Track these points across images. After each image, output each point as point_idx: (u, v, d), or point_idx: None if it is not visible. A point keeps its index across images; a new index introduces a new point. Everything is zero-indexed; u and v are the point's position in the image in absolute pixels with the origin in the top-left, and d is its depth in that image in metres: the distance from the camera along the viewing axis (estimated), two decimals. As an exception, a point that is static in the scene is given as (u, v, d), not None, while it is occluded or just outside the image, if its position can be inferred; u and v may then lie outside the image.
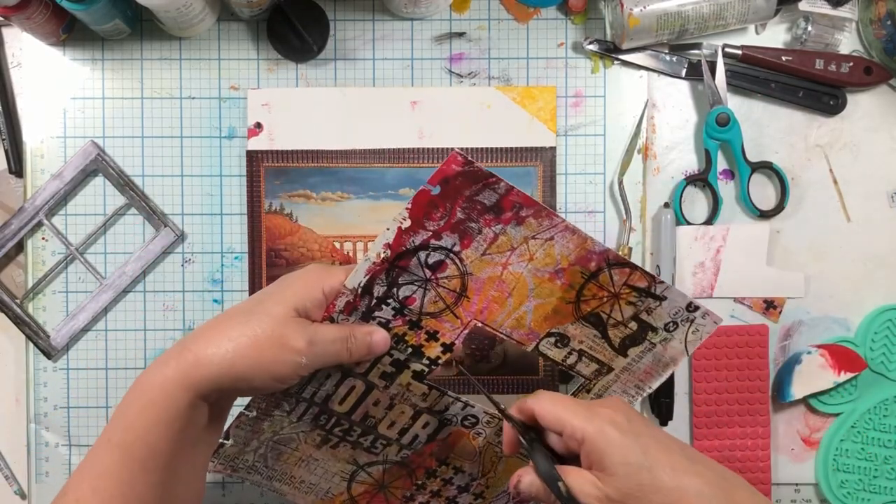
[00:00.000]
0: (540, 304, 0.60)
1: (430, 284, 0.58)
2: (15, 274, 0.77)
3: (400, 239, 0.56)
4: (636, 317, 0.61)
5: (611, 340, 0.63)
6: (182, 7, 0.70)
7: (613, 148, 0.78)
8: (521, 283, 0.59)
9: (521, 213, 0.56)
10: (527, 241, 0.57)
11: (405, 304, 0.58)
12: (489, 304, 0.59)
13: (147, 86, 0.77)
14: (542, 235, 0.57)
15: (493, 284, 0.58)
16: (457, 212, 0.55)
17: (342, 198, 0.77)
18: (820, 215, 0.79)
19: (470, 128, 0.76)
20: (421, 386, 0.62)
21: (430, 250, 0.56)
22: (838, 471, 0.77)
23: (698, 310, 0.62)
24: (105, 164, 0.76)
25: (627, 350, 0.63)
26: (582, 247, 0.58)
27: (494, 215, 0.56)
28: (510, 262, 0.58)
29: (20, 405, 0.77)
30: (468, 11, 0.78)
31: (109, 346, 0.77)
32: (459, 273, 0.58)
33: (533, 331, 0.61)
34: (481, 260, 0.57)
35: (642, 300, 0.61)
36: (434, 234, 0.56)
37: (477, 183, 0.54)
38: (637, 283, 0.60)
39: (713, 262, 0.77)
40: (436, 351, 0.61)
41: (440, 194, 0.55)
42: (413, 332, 0.59)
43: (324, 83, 0.77)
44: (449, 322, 0.59)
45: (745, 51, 0.76)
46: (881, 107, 0.79)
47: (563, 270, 0.59)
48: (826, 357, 0.76)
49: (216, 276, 0.77)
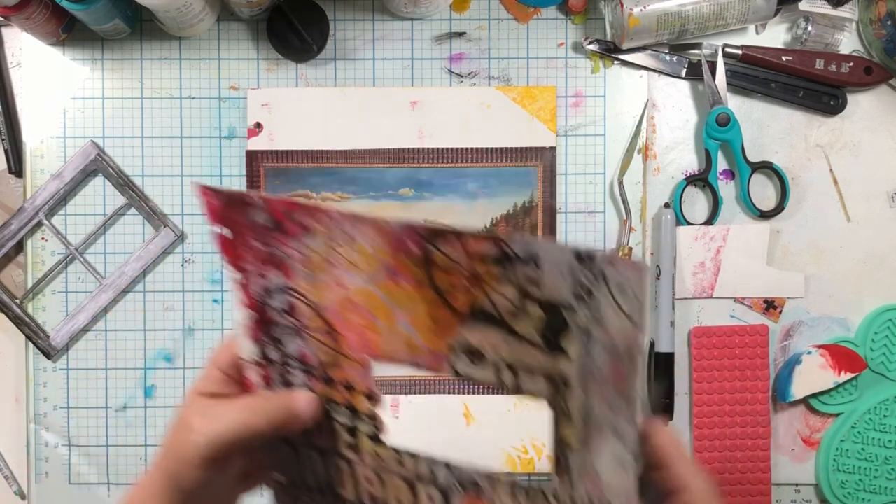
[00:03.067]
0: (413, 318, 0.48)
1: (302, 332, 0.50)
2: (15, 274, 0.77)
3: (247, 293, 0.51)
4: (528, 295, 0.45)
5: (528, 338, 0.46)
6: (182, 7, 0.70)
7: (613, 148, 0.78)
8: (373, 298, 0.48)
9: (296, 219, 0.48)
10: (332, 250, 0.48)
11: (304, 362, 0.51)
12: (363, 332, 0.49)
13: (147, 86, 0.77)
14: (338, 237, 0.47)
15: (349, 310, 0.49)
16: (254, 244, 0.49)
17: (342, 198, 0.77)
18: (820, 215, 0.79)
19: (470, 128, 0.76)
20: (387, 451, 0.52)
21: (273, 293, 0.50)
22: (838, 471, 0.77)
23: (594, 258, 0.42)
24: (105, 164, 0.76)
25: (560, 343, 0.46)
26: (382, 232, 0.46)
27: (281, 233, 0.48)
28: (342, 278, 0.48)
29: (20, 405, 0.77)
30: (468, 11, 0.78)
31: (109, 346, 0.77)
32: (312, 309, 0.49)
33: (431, 350, 0.48)
34: (316, 287, 0.49)
35: (511, 271, 0.44)
36: (260, 274, 0.50)
37: (243, 205, 0.48)
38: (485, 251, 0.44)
39: (713, 262, 0.77)
40: (364, 404, 0.51)
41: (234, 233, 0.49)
42: (333, 389, 0.51)
43: (324, 83, 0.77)
44: (350, 368, 0.50)
45: (745, 51, 0.76)
46: (881, 107, 0.79)
47: (395, 268, 0.47)
48: (826, 357, 0.76)
49: (216, 276, 0.77)
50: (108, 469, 0.77)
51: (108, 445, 0.77)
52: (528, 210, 0.77)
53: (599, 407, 0.46)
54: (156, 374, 0.77)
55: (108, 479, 0.77)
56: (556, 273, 0.44)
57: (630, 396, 0.45)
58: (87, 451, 0.77)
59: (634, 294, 0.43)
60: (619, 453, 0.46)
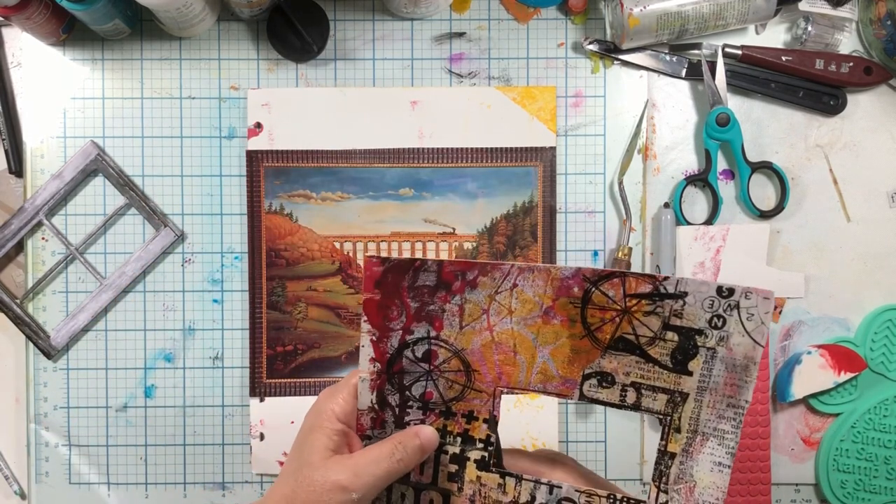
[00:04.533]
0: (555, 350, 0.56)
1: (434, 374, 0.56)
2: (15, 274, 0.77)
3: (378, 349, 0.56)
4: (668, 325, 0.54)
5: (659, 361, 0.55)
6: (182, 7, 0.70)
7: (613, 148, 0.78)
8: (519, 337, 0.56)
9: (468, 278, 0.55)
10: (492, 299, 0.55)
11: (427, 400, 0.57)
12: (501, 368, 0.56)
13: (147, 86, 0.77)
14: (503, 288, 0.55)
15: (492, 350, 0.56)
16: (409, 303, 0.55)
17: (342, 198, 0.77)
18: (820, 215, 0.79)
19: (470, 128, 0.76)
20: (491, 476, 0.57)
21: (412, 345, 0.56)
22: (838, 471, 0.77)
23: (734, 292, 0.53)
24: (105, 164, 0.76)
25: (687, 366, 0.54)
26: (551, 278, 0.54)
27: (445, 291, 0.55)
28: (493, 323, 0.56)
29: (20, 405, 0.77)
30: (468, 11, 0.78)
31: (109, 346, 0.77)
32: (452, 353, 0.56)
33: (565, 378, 0.56)
34: (463, 334, 0.56)
35: (660, 305, 0.54)
36: (404, 330, 0.56)
37: (407, 272, 0.55)
38: (640, 290, 0.54)
39: (713, 262, 0.77)
40: (482, 430, 0.57)
41: (383, 296, 0.55)
42: (451, 420, 0.57)
43: (324, 83, 0.77)
44: (476, 398, 0.57)
45: (745, 51, 0.76)
46: (881, 107, 0.79)
47: (552, 308, 0.55)
48: (826, 357, 0.76)
49: (216, 276, 0.77)
50: (108, 469, 0.77)
51: (108, 445, 0.77)
52: (528, 210, 0.77)
53: (708, 416, 0.54)
54: (156, 374, 0.77)
55: (108, 479, 0.77)
56: (698, 306, 0.53)
57: (738, 403, 0.54)
58: (87, 451, 0.77)
59: (761, 318, 0.53)
60: (718, 456, 0.53)
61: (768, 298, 0.53)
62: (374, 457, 0.54)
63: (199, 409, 0.77)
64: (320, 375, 0.77)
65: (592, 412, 0.78)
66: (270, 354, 0.76)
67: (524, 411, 0.77)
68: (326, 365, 0.77)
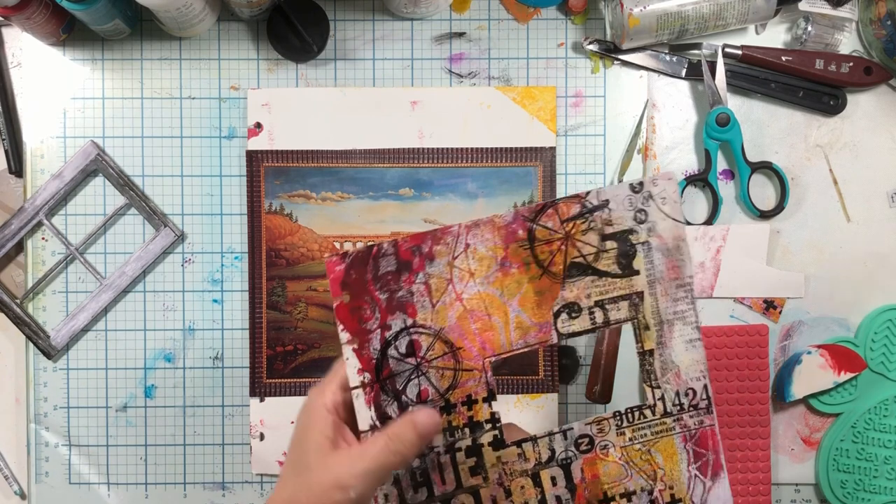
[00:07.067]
0: (521, 299, 0.58)
1: (423, 366, 0.57)
2: (15, 274, 0.77)
3: (363, 357, 0.56)
4: (605, 236, 0.58)
5: (609, 273, 0.58)
6: (182, 7, 0.70)
7: (613, 148, 0.78)
8: (488, 298, 0.57)
9: (424, 251, 0.56)
10: (452, 266, 0.56)
11: (424, 399, 0.57)
12: (482, 336, 0.57)
13: (147, 86, 0.77)
14: (458, 251, 0.56)
15: (468, 319, 0.57)
16: (378, 296, 0.55)
17: (342, 198, 0.77)
18: (820, 215, 0.79)
19: (470, 128, 0.76)
20: (509, 450, 0.58)
21: (393, 341, 0.56)
22: (838, 471, 0.77)
23: (643, 184, 0.57)
24: (105, 164, 0.76)
25: (632, 266, 0.58)
26: (496, 228, 0.57)
27: (407, 272, 0.56)
28: (460, 291, 0.57)
29: (20, 405, 0.77)
30: (468, 11, 0.78)
31: (109, 346, 0.77)
32: (433, 336, 0.57)
33: (539, 324, 0.58)
34: (436, 312, 0.57)
35: (592, 220, 0.57)
36: (382, 327, 0.56)
37: (367, 262, 0.55)
38: (572, 213, 0.57)
39: (713, 262, 0.77)
40: (485, 410, 0.57)
41: (352, 297, 0.55)
42: (453, 413, 0.57)
43: (324, 83, 0.77)
44: (470, 379, 0.57)
45: (745, 51, 0.76)
46: (881, 107, 0.79)
47: (506, 258, 0.57)
48: (826, 357, 0.76)
49: (216, 276, 0.77)
50: (108, 469, 0.77)
51: (108, 445, 0.77)
52: (528, 210, 0.77)
53: (665, 303, 0.59)
54: (156, 374, 0.77)
55: (108, 479, 0.77)
56: (622, 208, 0.57)
57: (684, 282, 0.59)
58: (87, 451, 0.77)
59: (672, 199, 0.58)
60: (686, 335, 0.58)
61: (671, 179, 0.58)
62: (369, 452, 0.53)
63: (199, 409, 0.77)
64: (320, 375, 0.76)
65: (592, 412, 0.78)
66: (270, 354, 0.76)
67: (524, 411, 0.77)
68: (326, 365, 0.77)
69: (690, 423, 0.59)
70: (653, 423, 0.59)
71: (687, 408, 0.58)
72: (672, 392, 0.58)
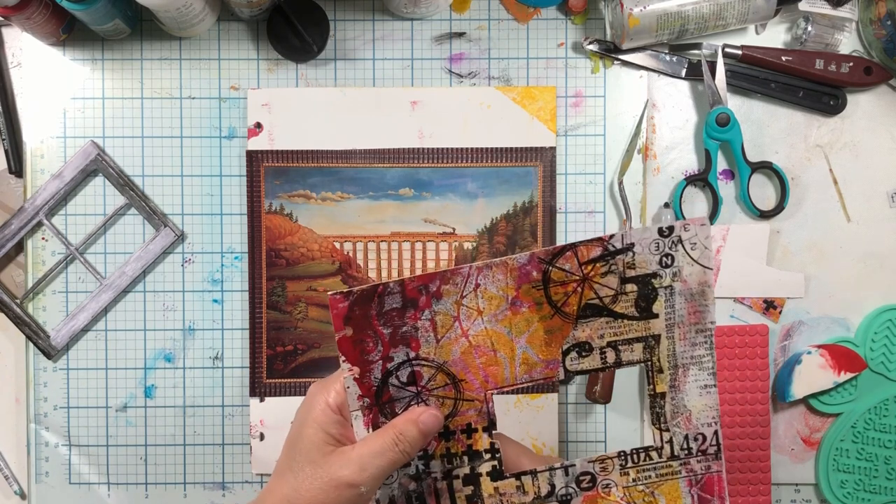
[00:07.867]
0: (530, 337, 0.57)
1: (423, 394, 0.57)
2: (15, 274, 0.77)
3: (363, 385, 0.56)
4: (625, 279, 0.56)
5: (626, 315, 0.57)
6: (182, 7, 0.70)
7: (613, 148, 0.78)
8: (495, 335, 0.57)
9: (432, 290, 0.55)
10: (460, 305, 0.56)
11: None
12: (486, 370, 0.57)
13: (147, 86, 0.77)
14: (467, 291, 0.56)
15: (473, 355, 0.56)
16: (382, 331, 0.55)
17: (342, 198, 0.77)
18: (820, 215, 0.79)
19: (470, 128, 0.76)
20: (508, 482, 0.58)
21: (395, 371, 0.56)
22: (838, 471, 0.77)
23: (673, 229, 0.56)
24: (105, 164, 0.76)
25: (652, 309, 0.57)
26: (509, 269, 0.56)
27: (413, 309, 0.55)
28: (466, 328, 0.56)
29: (20, 405, 0.77)
30: (468, 11, 0.78)
31: (109, 346, 0.77)
32: (435, 368, 0.56)
33: (547, 360, 0.57)
34: (440, 347, 0.56)
35: (613, 263, 0.56)
36: (384, 359, 0.56)
37: (372, 300, 0.55)
38: (592, 255, 0.56)
39: (713, 263, 0.77)
40: (484, 440, 0.57)
41: (355, 331, 0.55)
42: (451, 440, 0.57)
43: (324, 83, 0.77)
44: (471, 409, 0.57)
45: (745, 51, 0.76)
46: (881, 107, 0.79)
47: (517, 298, 0.56)
48: (826, 357, 0.76)
49: (216, 276, 0.77)
50: (108, 469, 0.77)
51: (108, 445, 0.77)
52: (527, 210, 0.77)
53: (682, 347, 0.58)
54: (156, 374, 0.77)
55: (108, 479, 0.77)
56: (646, 252, 0.56)
57: (705, 327, 0.58)
58: (87, 451, 0.77)
59: (703, 245, 0.56)
60: (701, 380, 0.57)
61: (704, 224, 0.56)
62: (377, 448, 0.53)
63: (199, 409, 0.77)
64: (320, 375, 0.77)
65: (592, 412, 0.78)
66: (270, 354, 0.76)
67: (524, 411, 0.77)
68: (326, 365, 0.77)
69: (697, 468, 0.58)
70: (658, 466, 0.58)
71: (695, 453, 0.58)
72: (681, 436, 0.58)
